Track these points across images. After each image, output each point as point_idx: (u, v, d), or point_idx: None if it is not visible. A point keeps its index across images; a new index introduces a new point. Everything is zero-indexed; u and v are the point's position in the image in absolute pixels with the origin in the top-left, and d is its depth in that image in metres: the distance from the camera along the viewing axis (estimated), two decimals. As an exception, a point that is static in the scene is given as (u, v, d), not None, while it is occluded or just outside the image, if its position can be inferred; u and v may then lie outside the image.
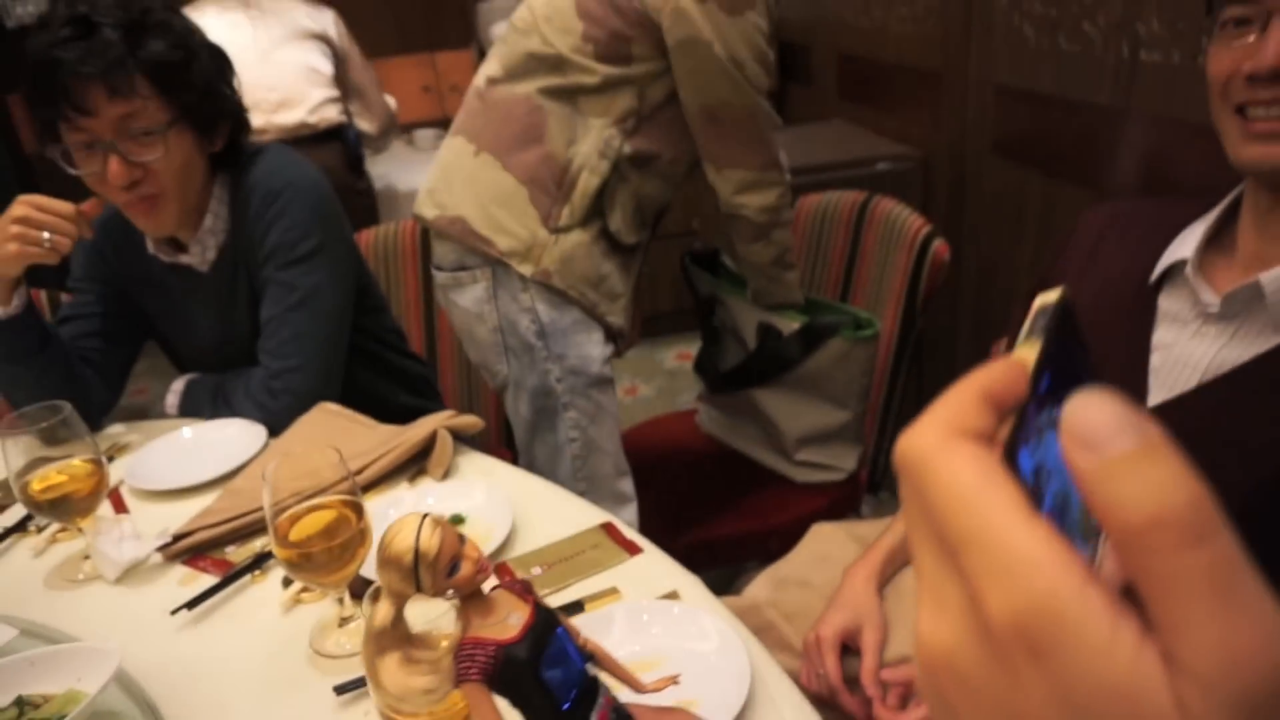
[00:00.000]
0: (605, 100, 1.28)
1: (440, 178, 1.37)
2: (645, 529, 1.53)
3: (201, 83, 1.19)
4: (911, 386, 2.23)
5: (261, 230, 1.25)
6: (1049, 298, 0.27)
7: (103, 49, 1.09)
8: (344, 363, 1.32)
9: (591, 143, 1.28)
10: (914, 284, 1.56)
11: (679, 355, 3.26)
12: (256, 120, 2.42)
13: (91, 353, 1.33)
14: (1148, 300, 0.88)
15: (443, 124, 3.72)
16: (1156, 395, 0.86)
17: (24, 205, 1.13)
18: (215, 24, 2.48)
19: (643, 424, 1.94)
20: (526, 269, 1.30)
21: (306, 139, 2.50)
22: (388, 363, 1.49)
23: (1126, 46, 1.40)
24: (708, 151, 1.34)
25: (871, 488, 1.73)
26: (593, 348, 1.37)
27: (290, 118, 2.49)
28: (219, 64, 1.24)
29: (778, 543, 1.54)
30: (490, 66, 1.35)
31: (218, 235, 1.29)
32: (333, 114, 2.56)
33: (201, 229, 1.27)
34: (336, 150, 2.57)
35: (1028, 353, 0.25)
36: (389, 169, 2.92)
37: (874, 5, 2.34)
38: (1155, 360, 0.86)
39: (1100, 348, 0.90)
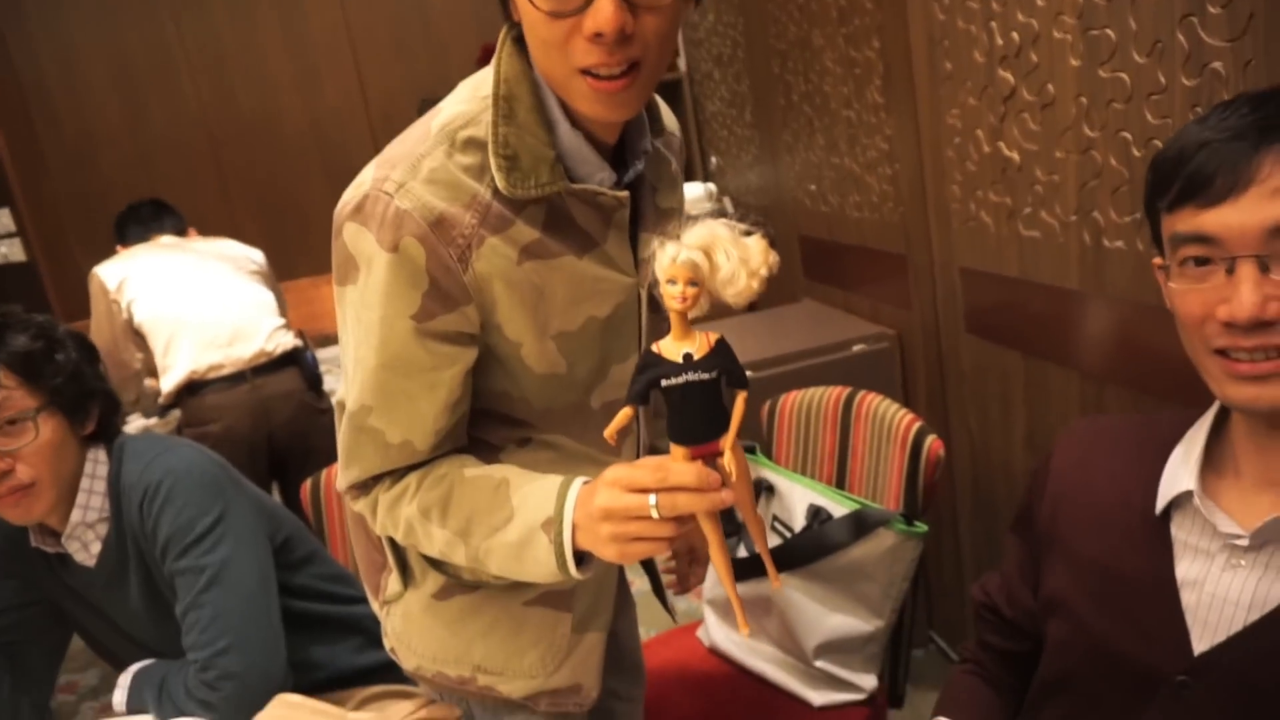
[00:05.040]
0: None
1: None
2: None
3: (68, 367, 1.21)
4: (920, 581, 2.12)
5: (151, 525, 1.20)
6: None
7: None
8: (281, 630, 1.23)
9: None
10: (911, 481, 1.50)
11: (693, 594, 2.76)
12: (214, 356, 2.44)
13: (19, 646, 1.27)
14: (1158, 532, 0.82)
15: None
16: (1200, 636, 0.78)
17: None
18: (152, 270, 2.49)
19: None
20: None
21: (264, 367, 2.48)
22: (331, 620, 1.39)
23: (1088, 234, 1.40)
24: None
25: (894, 701, 1.59)
26: None
27: (247, 349, 2.47)
28: (85, 351, 1.27)
29: (802, 785, 1.40)
30: None
31: (97, 528, 1.24)
32: (288, 340, 2.55)
33: (73, 521, 1.22)
34: (294, 375, 2.54)
35: None
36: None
37: (829, 192, 2.40)
38: (1188, 598, 0.79)
39: (1117, 584, 0.83)
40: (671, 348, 0.73)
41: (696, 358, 0.73)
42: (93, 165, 3.50)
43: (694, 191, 3.32)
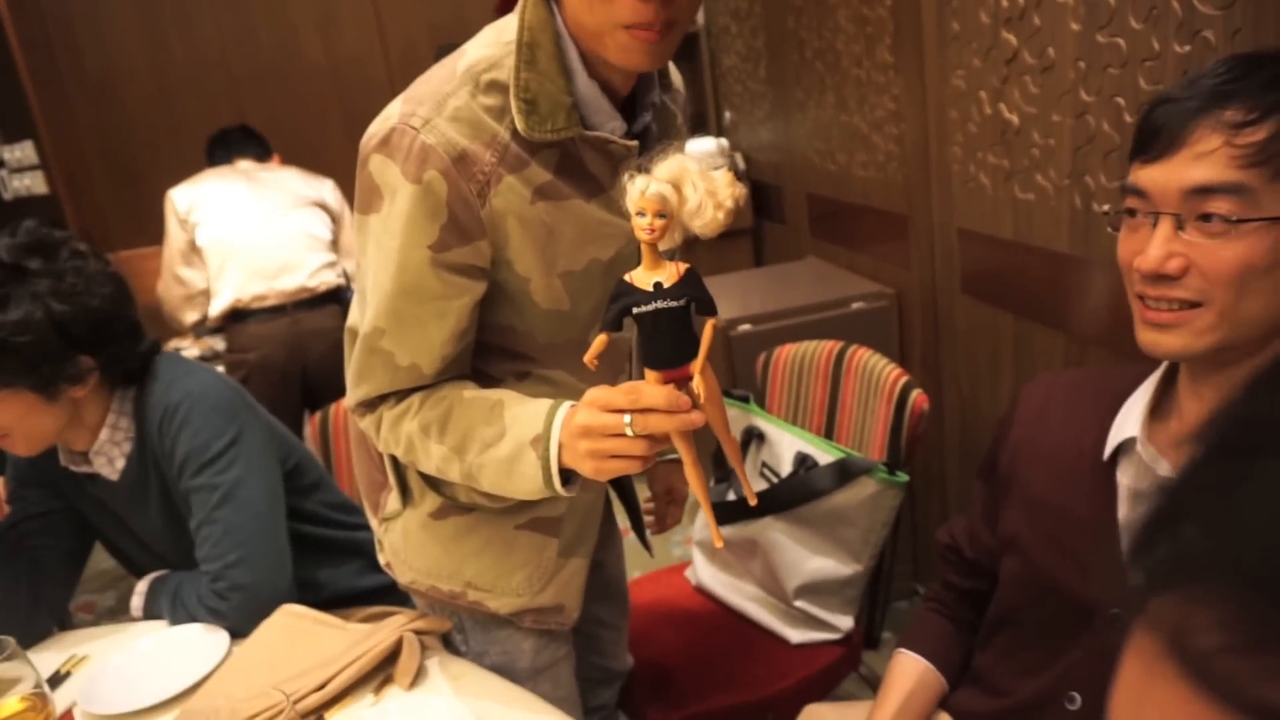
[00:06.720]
0: None
1: None
2: (642, 698, 1.47)
3: (33, 357, 1.15)
4: (905, 530, 2.19)
5: (169, 444, 1.26)
6: None
7: None
8: (288, 547, 1.30)
9: None
10: (896, 433, 1.55)
11: (687, 540, 2.74)
12: (258, 286, 2.53)
13: (41, 551, 1.34)
14: (1105, 476, 0.87)
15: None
16: (1138, 574, 0.83)
17: None
18: (217, 196, 2.60)
19: (630, 584, 1.88)
20: None
21: (305, 302, 2.57)
22: (335, 544, 1.46)
23: (1079, 198, 1.43)
24: None
25: (870, 643, 1.67)
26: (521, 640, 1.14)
27: (290, 283, 2.56)
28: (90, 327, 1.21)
29: (775, 715, 1.47)
30: None
31: (122, 445, 1.30)
32: (331, 278, 2.64)
33: (100, 439, 1.28)
34: (334, 312, 2.62)
35: None
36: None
37: (837, 150, 2.42)
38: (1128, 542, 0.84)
39: (1065, 525, 0.89)
40: (642, 277, 0.75)
41: (666, 286, 0.75)
42: (114, 100, 3.54)
43: (706, 147, 3.33)
